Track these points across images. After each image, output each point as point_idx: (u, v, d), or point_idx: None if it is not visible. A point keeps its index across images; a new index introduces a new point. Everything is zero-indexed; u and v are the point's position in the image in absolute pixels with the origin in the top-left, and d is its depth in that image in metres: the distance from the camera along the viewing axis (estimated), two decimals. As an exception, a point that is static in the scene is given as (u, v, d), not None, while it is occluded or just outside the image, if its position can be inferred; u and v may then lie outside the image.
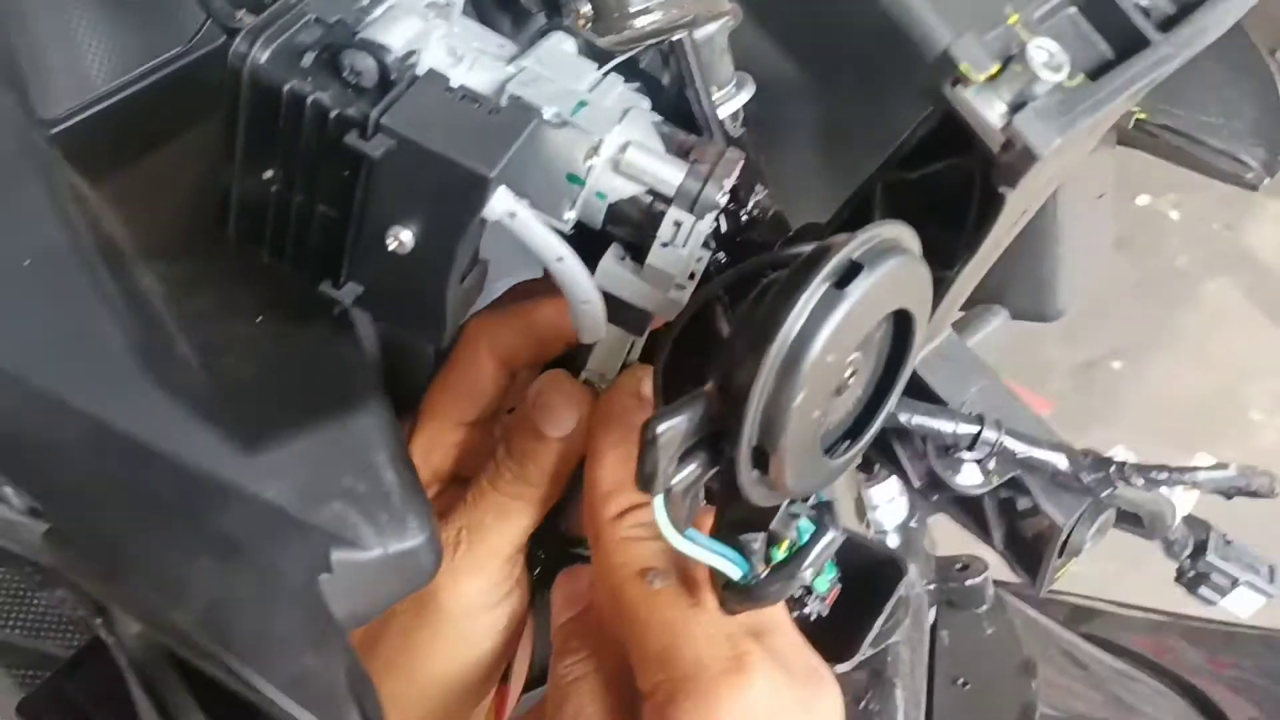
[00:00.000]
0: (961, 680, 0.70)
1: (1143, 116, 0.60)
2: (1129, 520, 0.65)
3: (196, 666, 0.41)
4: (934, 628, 0.74)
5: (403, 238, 0.44)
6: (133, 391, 0.46)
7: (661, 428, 0.43)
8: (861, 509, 0.77)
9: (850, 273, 0.41)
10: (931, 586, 0.75)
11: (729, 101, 0.54)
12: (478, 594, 0.53)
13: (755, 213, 0.56)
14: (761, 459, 0.44)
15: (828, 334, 0.40)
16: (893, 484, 0.78)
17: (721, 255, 0.54)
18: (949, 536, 0.85)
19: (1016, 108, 0.36)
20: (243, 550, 0.44)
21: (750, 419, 0.42)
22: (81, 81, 0.53)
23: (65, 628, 0.89)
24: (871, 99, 0.66)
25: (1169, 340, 1.92)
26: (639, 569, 0.46)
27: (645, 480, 0.44)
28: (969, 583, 0.73)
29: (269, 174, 0.45)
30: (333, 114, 0.42)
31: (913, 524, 0.78)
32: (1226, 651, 0.74)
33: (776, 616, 0.48)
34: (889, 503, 0.79)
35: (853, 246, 0.41)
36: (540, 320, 0.54)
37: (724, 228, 0.56)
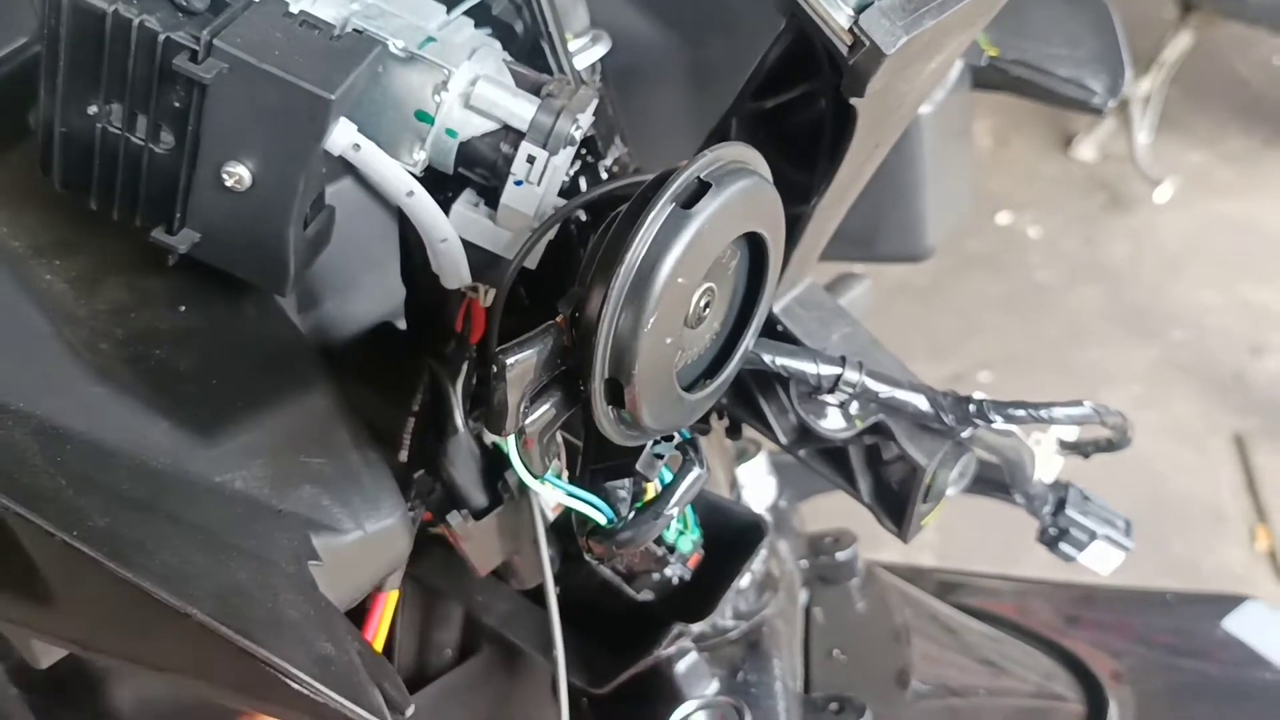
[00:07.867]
0: (837, 651, 0.69)
1: (995, 53, 0.63)
2: (994, 487, 0.66)
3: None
4: (808, 608, 0.74)
5: (240, 173, 0.42)
6: (68, 390, 0.43)
7: (511, 360, 0.42)
8: (734, 489, 0.77)
9: (697, 193, 0.40)
10: (804, 563, 0.75)
11: (585, 53, 0.54)
12: None
13: (615, 169, 0.56)
14: (616, 392, 0.42)
15: (676, 255, 0.40)
16: (761, 462, 0.78)
17: (581, 214, 0.53)
18: (814, 519, 0.85)
19: (863, 9, 0.36)
20: (228, 542, 0.42)
21: (601, 348, 0.41)
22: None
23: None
24: (733, 49, 0.66)
25: (1033, 351, 1.97)
26: None
27: (495, 419, 0.42)
28: (839, 555, 0.73)
29: (94, 109, 0.42)
30: (161, 38, 0.40)
31: (782, 503, 0.78)
32: (1087, 610, 0.75)
33: None
34: (757, 483, 0.78)
35: (698, 167, 0.40)
36: None
37: (584, 185, 0.55)
